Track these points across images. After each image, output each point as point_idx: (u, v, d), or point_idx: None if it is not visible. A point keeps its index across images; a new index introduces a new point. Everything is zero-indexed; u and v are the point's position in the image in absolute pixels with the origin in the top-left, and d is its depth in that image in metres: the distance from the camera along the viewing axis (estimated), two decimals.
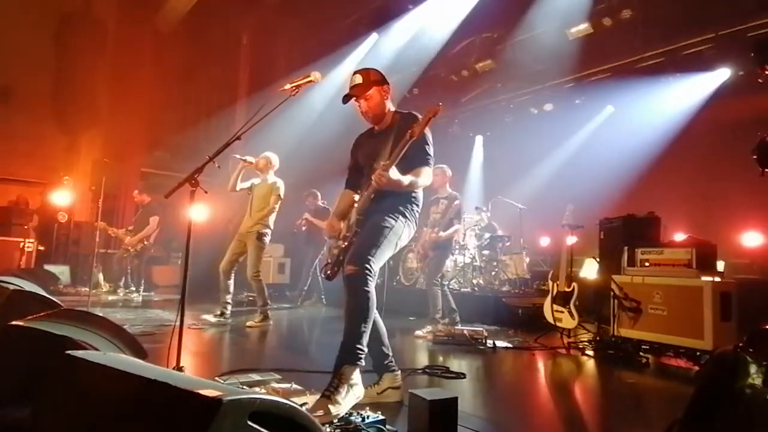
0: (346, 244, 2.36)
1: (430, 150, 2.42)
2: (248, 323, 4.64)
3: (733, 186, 5.76)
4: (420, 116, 2.29)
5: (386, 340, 2.41)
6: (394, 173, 2.18)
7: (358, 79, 2.46)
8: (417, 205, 2.48)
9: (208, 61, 8.91)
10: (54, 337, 1.61)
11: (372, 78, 2.47)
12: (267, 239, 4.84)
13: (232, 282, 4.83)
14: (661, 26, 6.51)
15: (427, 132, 2.35)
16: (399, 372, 2.41)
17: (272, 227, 4.87)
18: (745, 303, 3.45)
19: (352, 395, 2.07)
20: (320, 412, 1.89)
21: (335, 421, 1.81)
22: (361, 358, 2.14)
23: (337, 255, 2.37)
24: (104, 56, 8.35)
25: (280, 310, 6.07)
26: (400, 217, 2.37)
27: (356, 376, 2.13)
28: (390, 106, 2.53)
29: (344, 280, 2.22)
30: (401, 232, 2.36)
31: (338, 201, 2.62)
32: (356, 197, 2.50)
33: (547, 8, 7.04)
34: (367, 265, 2.17)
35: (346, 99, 2.47)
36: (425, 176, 2.37)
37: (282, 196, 4.87)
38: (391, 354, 2.41)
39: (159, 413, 0.95)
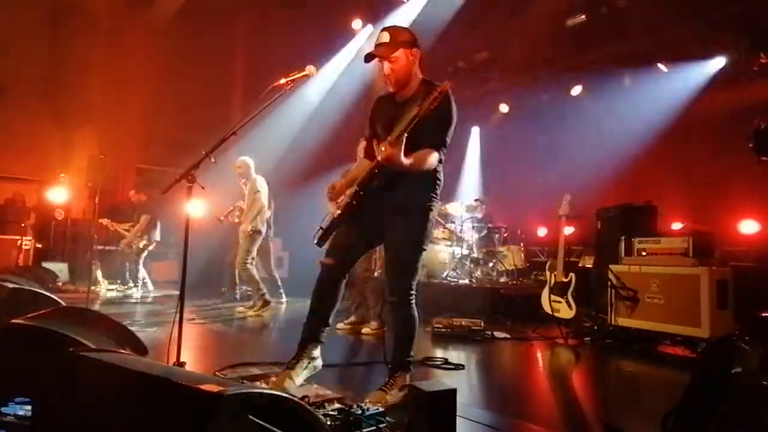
0: (339, 213, 2.27)
1: (449, 131, 2.19)
2: (249, 312, 4.91)
3: (729, 174, 5.76)
4: (451, 99, 2.16)
5: (332, 316, 2.42)
6: (400, 152, 1.98)
7: (385, 37, 2.21)
8: (439, 188, 2.32)
9: (203, 55, 8.83)
10: (55, 335, 1.62)
11: (400, 38, 2.22)
12: (258, 236, 5.15)
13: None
14: (657, 13, 6.48)
15: (454, 111, 2.17)
16: (321, 347, 2.40)
17: (263, 225, 5.18)
18: (742, 290, 3.48)
19: (402, 393, 2.23)
20: (379, 402, 2.10)
21: (336, 413, 1.82)
22: (410, 366, 2.34)
23: (330, 222, 2.32)
24: (98, 51, 8.27)
25: (278, 303, 6.07)
26: (430, 220, 2.28)
27: (407, 380, 2.30)
28: (418, 73, 2.29)
29: (389, 305, 2.35)
30: (429, 232, 2.31)
31: (354, 168, 2.54)
32: None
33: None
34: (409, 294, 2.29)
35: (368, 58, 2.24)
36: (431, 160, 2.12)
37: (260, 192, 5.09)
38: (327, 329, 2.42)
39: (161, 409, 0.95)
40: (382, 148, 2.01)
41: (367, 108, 2.57)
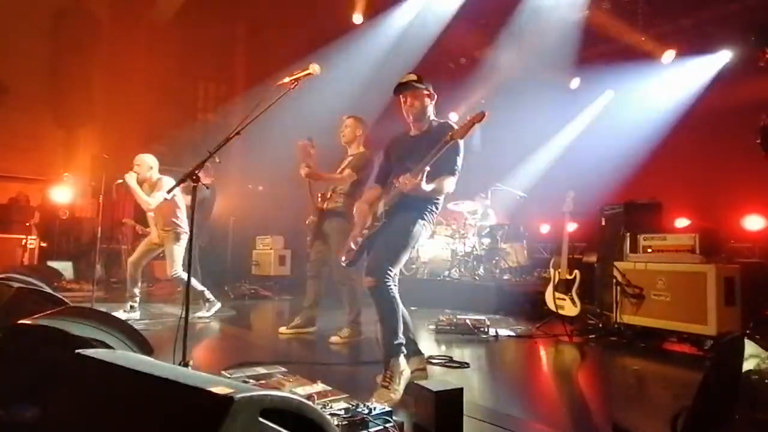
0: (370, 233, 2.52)
1: (460, 160, 2.52)
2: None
3: (734, 169, 5.74)
4: (456, 126, 2.42)
5: (411, 328, 2.66)
6: (421, 180, 2.29)
7: (413, 77, 2.62)
8: (438, 206, 2.62)
9: (205, 53, 8.83)
10: (62, 335, 1.62)
11: (424, 82, 2.64)
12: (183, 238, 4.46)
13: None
14: (661, 8, 6.44)
15: (461, 142, 2.47)
16: (424, 355, 2.69)
17: (182, 226, 4.45)
18: (748, 287, 3.45)
19: (404, 380, 2.34)
20: (384, 400, 2.14)
21: (343, 413, 1.82)
22: (401, 349, 2.42)
23: (361, 243, 2.55)
24: (99, 50, 8.27)
25: (281, 301, 6.08)
26: (421, 220, 2.50)
27: (402, 363, 2.39)
28: (432, 115, 2.67)
29: (367, 290, 2.46)
30: (419, 234, 2.52)
31: (365, 191, 2.84)
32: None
33: None
34: (386, 277, 2.40)
35: (398, 89, 2.61)
36: (448, 185, 2.49)
37: (161, 192, 4.28)
38: (415, 340, 2.68)
39: (171, 412, 0.95)
40: (405, 181, 2.30)
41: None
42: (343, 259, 2.59)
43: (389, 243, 2.46)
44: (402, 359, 2.40)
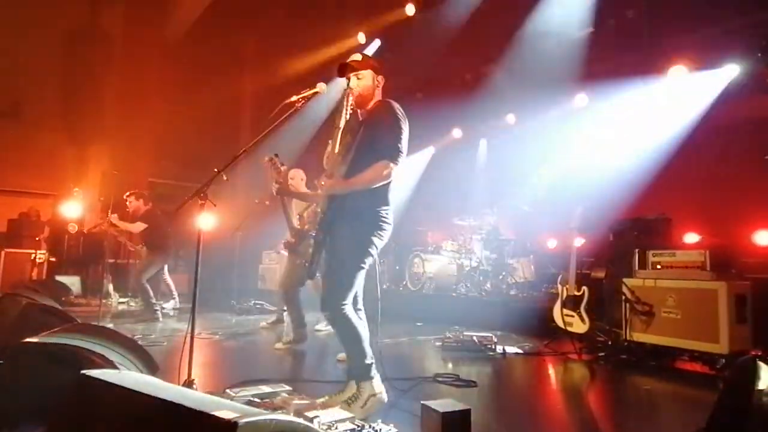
0: (314, 243, 2.35)
1: (400, 141, 2.24)
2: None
3: (745, 184, 5.69)
4: (392, 105, 2.33)
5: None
6: (337, 182, 2.23)
7: (358, 56, 2.45)
8: (383, 212, 2.31)
9: (214, 72, 9.00)
10: (68, 354, 1.62)
11: (371, 62, 2.45)
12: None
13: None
14: (667, 23, 6.48)
15: (395, 117, 2.28)
16: (377, 377, 2.31)
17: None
18: (759, 304, 3.39)
19: (375, 403, 2.22)
20: (337, 410, 2.09)
21: None
22: (371, 371, 2.27)
23: (311, 254, 2.36)
24: (111, 69, 8.46)
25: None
26: (364, 237, 2.26)
27: (377, 386, 2.27)
28: (378, 97, 2.47)
29: (325, 317, 2.41)
30: (367, 254, 2.28)
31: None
32: None
33: (552, 9, 7.04)
34: (340, 309, 2.22)
35: (341, 68, 2.39)
36: (383, 173, 2.21)
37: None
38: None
39: None
40: (321, 183, 2.28)
41: None
42: (308, 274, 2.39)
43: (335, 273, 2.27)
44: (375, 382, 2.26)
